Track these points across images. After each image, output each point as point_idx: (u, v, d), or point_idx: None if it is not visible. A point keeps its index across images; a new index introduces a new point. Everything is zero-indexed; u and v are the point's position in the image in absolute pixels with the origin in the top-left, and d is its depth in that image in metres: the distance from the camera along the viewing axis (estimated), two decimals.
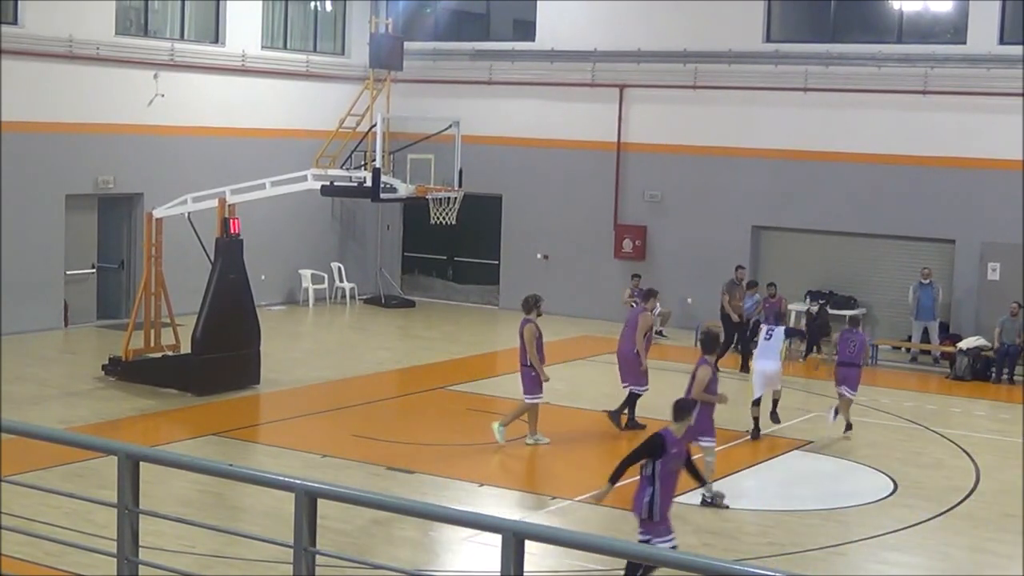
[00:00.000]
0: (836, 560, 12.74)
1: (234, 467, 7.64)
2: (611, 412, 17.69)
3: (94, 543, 8.73)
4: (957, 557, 13.05)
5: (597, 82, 27.38)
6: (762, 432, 17.24)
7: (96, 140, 24.14)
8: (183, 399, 18.67)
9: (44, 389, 19.06)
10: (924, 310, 23.60)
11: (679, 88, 26.56)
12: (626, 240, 27.16)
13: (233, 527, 12.06)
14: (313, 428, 17.54)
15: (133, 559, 7.08)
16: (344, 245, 29.71)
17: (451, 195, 20.58)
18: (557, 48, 27.79)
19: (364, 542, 12.50)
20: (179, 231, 20.34)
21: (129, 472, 7.00)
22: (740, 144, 26.06)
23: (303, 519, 6.46)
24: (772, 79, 25.68)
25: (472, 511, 8.82)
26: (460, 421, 18.26)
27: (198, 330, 19.00)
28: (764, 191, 25.95)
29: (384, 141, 21.23)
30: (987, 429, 18.57)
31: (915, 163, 24.45)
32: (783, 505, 14.54)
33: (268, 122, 27.23)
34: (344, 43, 29.51)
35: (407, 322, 26.99)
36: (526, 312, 16.59)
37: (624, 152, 27.25)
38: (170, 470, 8.86)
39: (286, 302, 28.09)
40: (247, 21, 26.95)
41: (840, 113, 25.20)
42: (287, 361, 21.68)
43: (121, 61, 24.46)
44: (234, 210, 19.58)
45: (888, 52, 24.78)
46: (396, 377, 21.54)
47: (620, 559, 10.38)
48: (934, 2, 25.29)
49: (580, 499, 13.93)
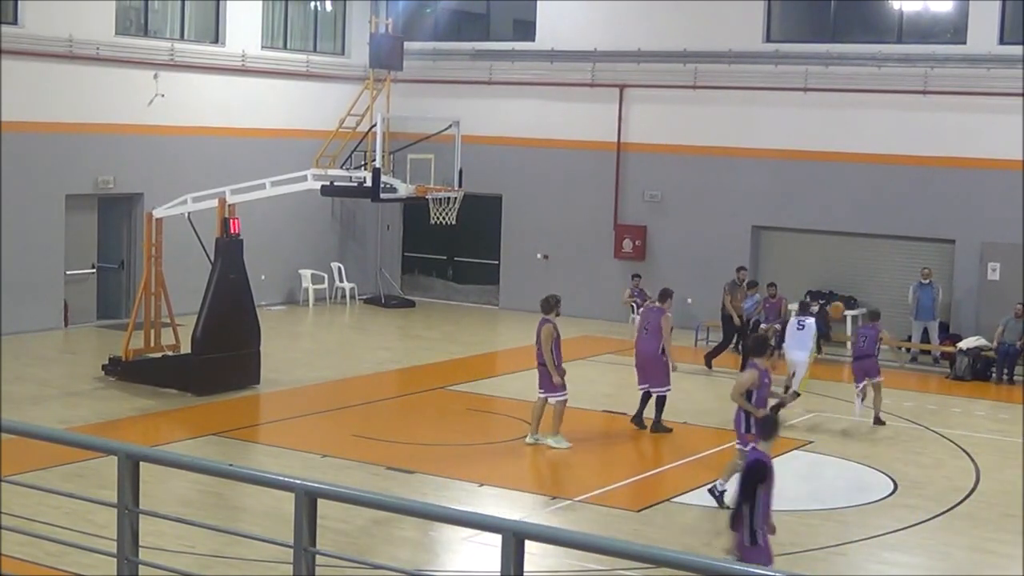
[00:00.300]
0: (836, 560, 12.74)
1: (234, 467, 7.65)
2: (654, 423, 17.52)
3: (94, 543, 8.73)
4: (957, 557, 13.04)
5: (597, 82, 27.38)
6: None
7: (96, 140, 24.14)
8: (183, 399, 18.67)
9: (44, 389, 19.06)
10: (924, 310, 23.61)
11: (679, 88, 26.56)
12: (626, 240, 27.16)
13: (233, 527, 12.05)
14: (313, 428, 17.53)
15: (133, 559, 7.08)
16: (344, 245, 29.71)
17: (451, 195, 20.58)
18: (557, 48, 27.79)
19: (364, 542, 12.50)
20: (179, 231, 20.34)
21: (129, 472, 7.00)
22: (740, 144, 26.06)
23: (303, 519, 6.46)
24: (772, 79, 25.67)
25: (472, 511, 8.82)
26: (460, 421, 18.26)
27: (198, 330, 19.00)
28: (764, 191, 25.95)
29: (384, 141, 21.22)
30: (987, 429, 18.56)
31: (915, 163, 24.44)
32: (783, 505, 14.46)
33: (268, 122, 27.23)
34: (344, 43, 29.52)
35: (407, 322, 26.99)
36: (545, 312, 16.49)
37: (624, 152, 27.25)
38: (170, 470, 8.86)
39: (286, 302, 28.09)
40: (247, 21, 26.95)
41: (840, 113, 25.20)
42: (287, 361, 21.68)
43: (121, 61, 24.46)
44: (234, 210, 19.58)
45: (888, 52, 24.78)
46: (396, 377, 21.54)
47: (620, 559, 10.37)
48: (934, 2, 25.28)
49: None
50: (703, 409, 19.02)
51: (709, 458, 16.56)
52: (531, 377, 20.92)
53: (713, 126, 26.33)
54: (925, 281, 23.58)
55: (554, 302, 16.59)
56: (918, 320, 23.73)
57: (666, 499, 14.54)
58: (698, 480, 15.50)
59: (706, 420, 18.40)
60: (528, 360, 22.34)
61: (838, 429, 18.12)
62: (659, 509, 14.17)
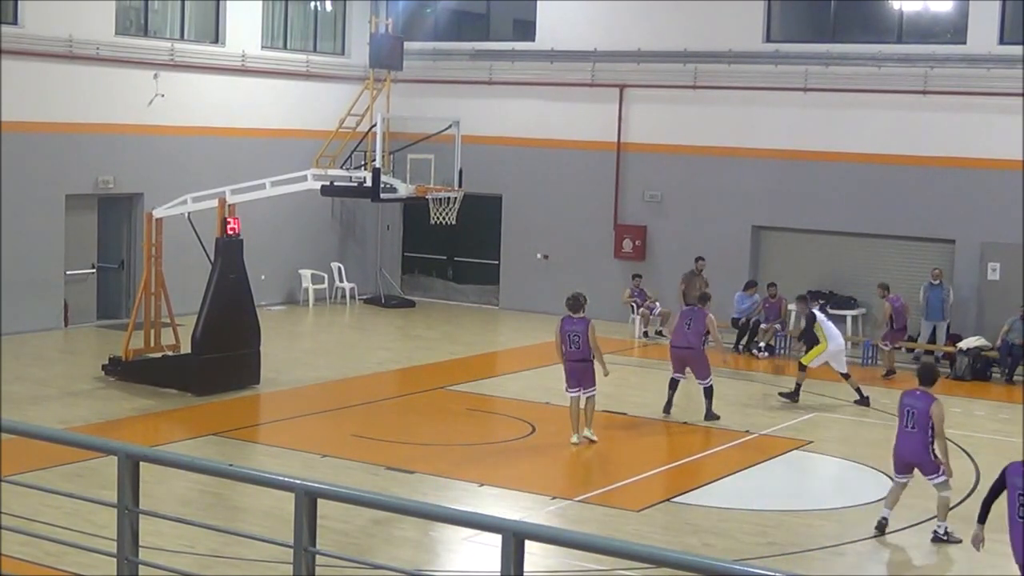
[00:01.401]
0: (836, 560, 12.74)
1: (234, 467, 7.65)
2: (705, 415, 18.28)
3: (94, 543, 8.73)
4: (957, 557, 13.04)
5: (597, 82, 27.38)
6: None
7: (96, 140, 24.13)
8: (183, 399, 18.66)
9: (44, 389, 19.05)
10: (934, 310, 23.57)
11: (679, 88, 26.56)
12: (626, 240, 27.17)
13: (233, 527, 12.05)
14: (313, 428, 17.53)
15: (133, 559, 7.08)
16: (344, 245, 29.71)
17: (451, 195, 20.58)
18: (557, 48, 27.79)
19: (364, 542, 12.50)
20: (179, 231, 20.34)
21: (129, 472, 7.00)
22: (740, 144, 26.05)
23: (303, 519, 6.46)
24: (772, 79, 25.67)
25: (472, 511, 8.82)
26: (460, 421, 18.26)
27: (198, 330, 19.00)
28: (764, 191, 25.95)
29: (384, 141, 21.23)
30: (987, 429, 18.55)
31: (915, 163, 24.44)
32: (783, 505, 14.53)
33: (268, 122, 27.23)
34: (344, 43, 29.51)
35: (407, 322, 26.99)
36: (575, 312, 16.50)
37: (624, 152, 27.25)
38: (170, 470, 8.87)
39: (286, 302, 28.09)
40: (247, 21, 26.95)
41: (840, 113, 25.20)
42: (287, 361, 21.68)
43: (121, 61, 24.46)
44: (234, 210, 19.58)
45: (888, 52, 24.78)
46: (396, 377, 21.53)
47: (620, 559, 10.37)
48: (934, 2, 25.28)
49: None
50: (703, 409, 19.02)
51: (709, 458, 16.58)
52: (531, 377, 21.01)
53: (713, 126, 26.33)
54: (935, 282, 23.54)
55: (584, 300, 16.74)
56: (928, 320, 23.70)
57: (666, 499, 14.54)
58: (698, 480, 15.52)
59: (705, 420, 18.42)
60: (528, 360, 22.45)
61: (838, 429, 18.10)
62: (659, 509, 14.16)
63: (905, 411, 13.29)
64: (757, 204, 26.04)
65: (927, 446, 13.19)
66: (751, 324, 24.13)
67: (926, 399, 13.22)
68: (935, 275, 23.62)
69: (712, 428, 17.94)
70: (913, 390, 13.51)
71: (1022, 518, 10.62)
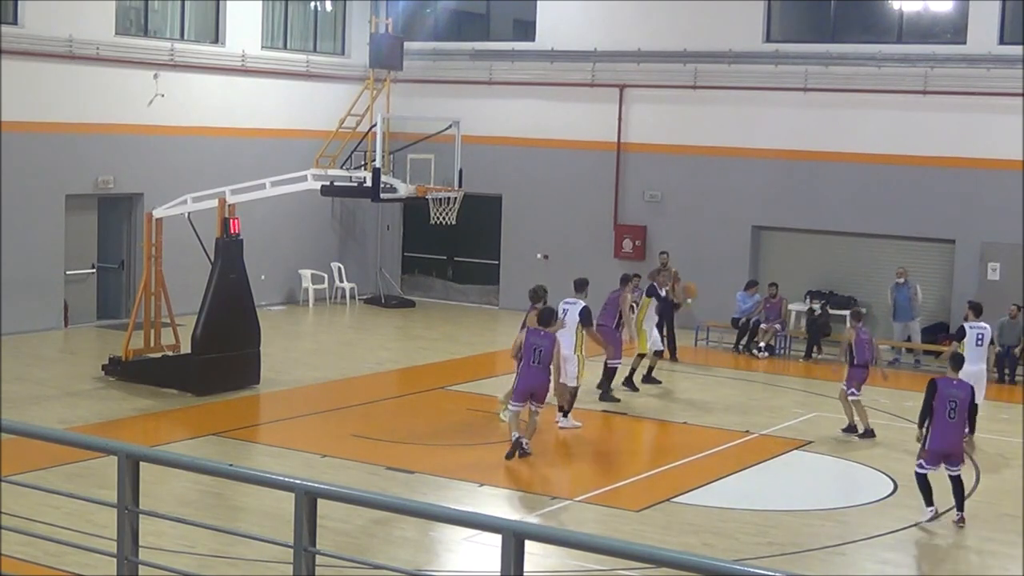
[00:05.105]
0: (836, 560, 12.74)
1: (234, 467, 7.64)
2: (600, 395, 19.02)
3: (94, 543, 8.73)
4: (957, 557, 13.05)
5: (597, 82, 27.38)
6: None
7: (96, 140, 24.13)
8: (183, 399, 18.67)
9: (44, 389, 19.05)
10: (901, 310, 23.52)
11: (679, 88, 26.56)
12: (626, 240, 27.17)
13: (233, 527, 12.06)
14: (313, 428, 17.53)
15: (133, 559, 7.08)
16: (344, 245, 29.71)
17: (451, 195, 20.58)
18: (557, 48, 27.79)
19: (364, 542, 12.50)
20: (179, 231, 20.33)
21: (129, 472, 7.00)
22: (740, 144, 26.05)
23: (303, 519, 6.46)
24: (772, 79, 25.67)
25: (472, 511, 8.83)
26: (460, 421, 18.26)
27: (198, 330, 19.00)
28: (764, 191, 25.95)
29: (384, 141, 21.24)
30: (987, 429, 18.52)
31: (915, 163, 24.44)
32: (783, 505, 14.53)
33: (268, 122, 27.22)
34: (344, 43, 29.51)
35: (407, 322, 26.99)
36: (535, 302, 17.37)
37: (624, 152, 27.25)
38: (170, 470, 8.87)
39: (286, 302, 28.09)
40: (247, 21, 26.94)
41: (840, 113, 25.20)
42: (287, 361, 21.68)
43: (121, 61, 24.45)
44: (234, 210, 19.58)
45: (888, 52, 24.78)
46: (396, 377, 21.53)
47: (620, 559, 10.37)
48: (934, 2, 25.28)
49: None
50: (703, 409, 19.02)
51: (709, 458, 16.58)
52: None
53: (713, 126, 26.33)
54: (901, 280, 23.49)
55: (543, 292, 17.71)
56: (897, 321, 23.62)
57: (666, 499, 14.53)
58: (698, 480, 15.51)
59: (705, 420, 18.41)
60: None
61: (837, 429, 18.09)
62: (659, 509, 14.16)
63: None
64: (757, 204, 26.04)
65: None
66: (751, 324, 24.14)
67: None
68: (899, 273, 23.56)
69: (712, 428, 17.90)
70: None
71: (952, 419, 13.28)
